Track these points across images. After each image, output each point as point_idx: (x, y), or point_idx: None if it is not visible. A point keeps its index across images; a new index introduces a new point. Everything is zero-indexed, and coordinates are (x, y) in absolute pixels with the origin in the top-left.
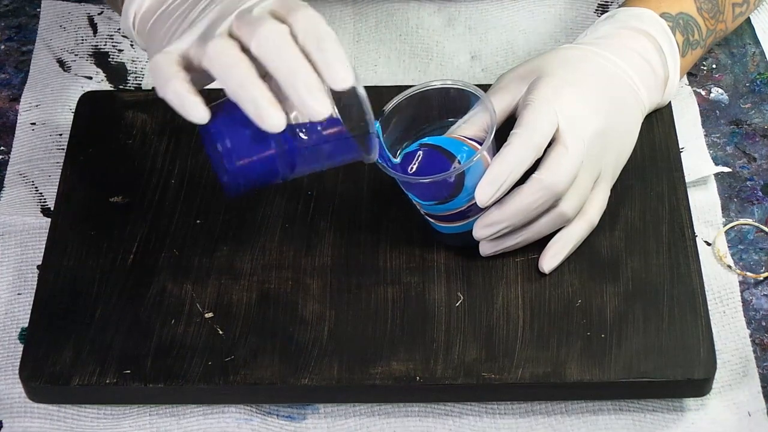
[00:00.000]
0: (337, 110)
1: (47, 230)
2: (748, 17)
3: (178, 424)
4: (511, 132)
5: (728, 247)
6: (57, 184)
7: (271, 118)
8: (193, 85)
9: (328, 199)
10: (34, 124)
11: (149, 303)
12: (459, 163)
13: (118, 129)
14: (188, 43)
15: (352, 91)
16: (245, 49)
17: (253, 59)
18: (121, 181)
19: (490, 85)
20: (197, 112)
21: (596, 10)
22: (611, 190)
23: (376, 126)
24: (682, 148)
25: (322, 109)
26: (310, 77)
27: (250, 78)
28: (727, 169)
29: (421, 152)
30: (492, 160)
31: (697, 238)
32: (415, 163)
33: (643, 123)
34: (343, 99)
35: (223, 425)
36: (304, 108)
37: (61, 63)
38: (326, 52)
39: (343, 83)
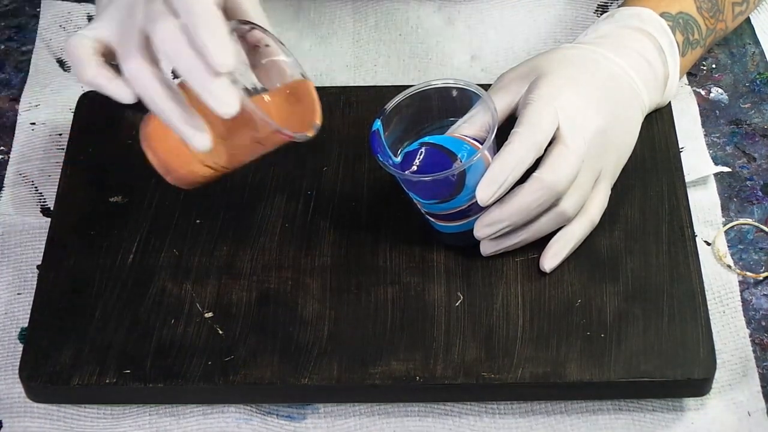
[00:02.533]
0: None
1: (47, 230)
2: (748, 17)
3: (178, 424)
4: (512, 131)
5: (728, 246)
6: (57, 184)
7: (192, 142)
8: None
9: (328, 199)
10: (34, 124)
11: (149, 303)
12: (460, 161)
13: (118, 129)
14: (107, 32)
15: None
16: None
17: None
18: (121, 181)
19: (490, 85)
20: (117, 94)
21: (596, 10)
22: (611, 190)
23: (378, 125)
24: (682, 148)
25: (225, 108)
26: (205, 76)
27: (165, 103)
28: (726, 169)
29: (422, 151)
30: (493, 159)
31: (697, 238)
32: (416, 162)
33: (643, 123)
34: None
35: (223, 425)
36: (209, 103)
37: (61, 63)
38: (200, 34)
39: (222, 68)
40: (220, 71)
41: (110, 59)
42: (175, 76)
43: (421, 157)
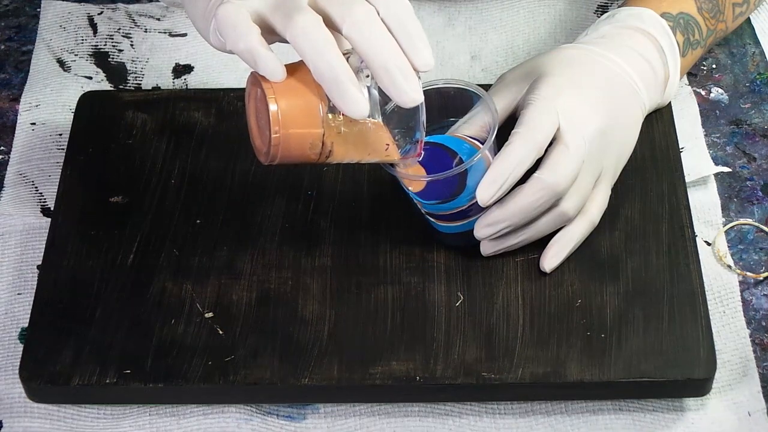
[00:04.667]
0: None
1: (47, 230)
2: (748, 17)
3: (178, 424)
4: (513, 131)
5: (728, 247)
6: (57, 184)
7: (358, 104)
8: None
9: (328, 199)
10: (34, 124)
11: (149, 303)
12: (462, 161)
13: (118, 129)
14: (258, 4)
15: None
16: (326, 23)
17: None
18: (121, 181)
19: (490, 85)
20: (273, 67)
21: (596, 10)
22: (611, 190)
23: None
24: (682, 148)
25: (417, 96)
26: (405, 63)
27: (339, 60)
28: (727, 169)
29: (422, 151)
30: (493, 159)
31: (697, 238)
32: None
33: (643, 123)
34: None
35: (223, 425)
36: (399, 94)
37: (61, 63)
38: (410, 32)
39: (426, 66)
40: (422, 69)
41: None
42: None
43: (422, 156)
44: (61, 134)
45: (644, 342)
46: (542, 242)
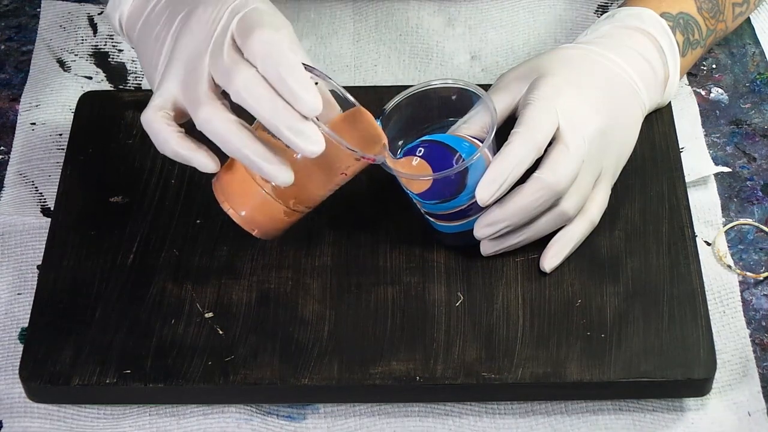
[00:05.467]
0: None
1: (47, 230)
2: (748, 17)
3: (178, 424)
4: (512, 131)
5: (728, 247)
6: (57, 184)
7: (278, 176)
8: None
9: (328, 199)
10: (34, 124)
11: (149, 303)
12: (462, 159)
13: (118, 129)
14: (174, 91)
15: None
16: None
17: None
18: (121, 181)
19: (490, 85)
20: (202, 164)
21: (596, 10)
22: (611, 190)
23: (378, 125)
24: (682, 148)
25: (314, 147)
26: (290, 119)
27: (243, 142)
28: (727, 169)
29: (422, 149)
30: (493, 159)
31: (697, 238)
32: (415, 162)
33: (643, 123)
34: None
35: (223, 425)
36: (299, 150)
37: (61, 63)
38: (288, 84)
39: (311, 112)
40: (309, 115)
41: (183, 120)
42: None
43: (422, 155)
44: (61, 134)
45: (644, 342)
46: (542, 242)
